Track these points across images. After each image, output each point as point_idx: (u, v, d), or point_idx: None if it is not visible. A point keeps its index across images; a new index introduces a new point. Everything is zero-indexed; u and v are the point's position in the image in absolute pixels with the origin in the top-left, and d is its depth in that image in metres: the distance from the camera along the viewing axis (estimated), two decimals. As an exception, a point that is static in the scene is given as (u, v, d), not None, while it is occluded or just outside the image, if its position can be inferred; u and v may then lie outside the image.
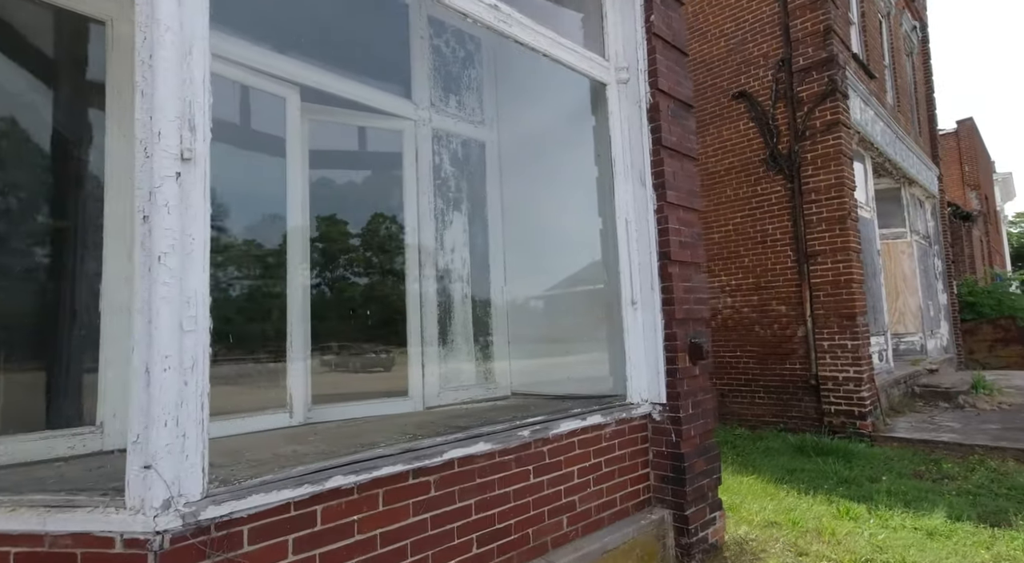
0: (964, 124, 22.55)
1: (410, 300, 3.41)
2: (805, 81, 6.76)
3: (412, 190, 3.48)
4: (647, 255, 3.22)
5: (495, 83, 4.12)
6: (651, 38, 3.29)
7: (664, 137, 3.25)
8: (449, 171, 3.77)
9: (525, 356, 3.98)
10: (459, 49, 3.93)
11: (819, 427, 6.56)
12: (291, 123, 2.93)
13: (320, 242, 3.27)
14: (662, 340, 3.17)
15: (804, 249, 6.75)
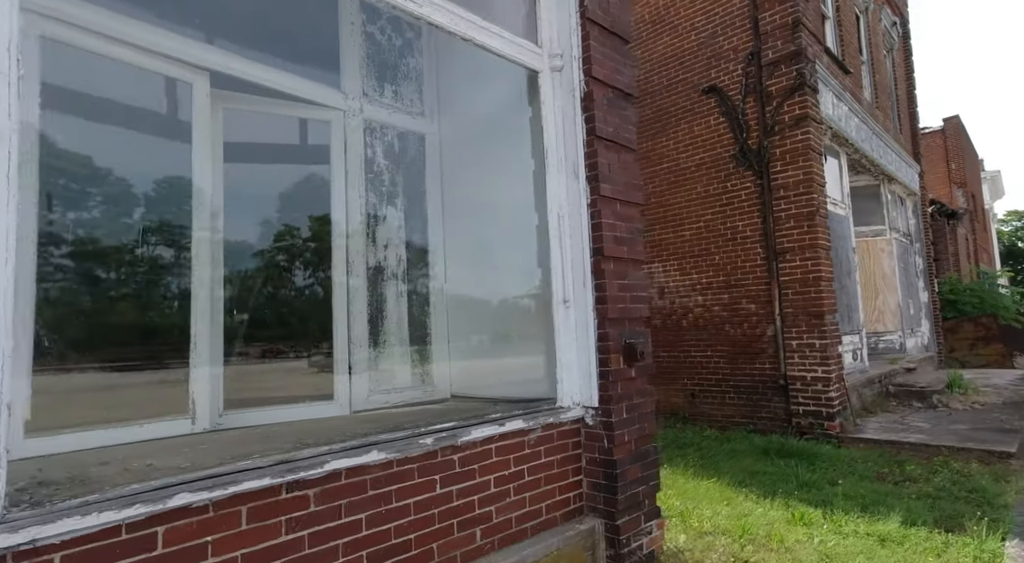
0: (950, 122, 22.53)
1: (337, 299, 3.24)
2: (774, 75, 6.63)
3: (340, 184, 3.32)
4: (580, 251, 3.08)
5: (436, 73, 3.96)
6: (585, 23, 3.13)
7: (598, 127, 3.09)
8: (383, 164, 3.61)
9: (467, 357, 3.83)
10: (396, 37, 3.77)
11: (787, 428, 6.44)
12: (199, 110, 2.75)
13: (239, 237, 3.10)
14: (594, 341, 3.02)
15: (773, 246, 6.63)
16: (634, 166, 3.32)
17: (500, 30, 2.90)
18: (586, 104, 3.12)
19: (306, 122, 3.31)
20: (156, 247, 2.68)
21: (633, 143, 3.33)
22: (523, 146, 3.36)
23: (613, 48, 3.28)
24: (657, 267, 7.84)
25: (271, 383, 3.23)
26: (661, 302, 7.79)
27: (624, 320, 3.10)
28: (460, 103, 3.88)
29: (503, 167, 3.63)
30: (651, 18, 7.95)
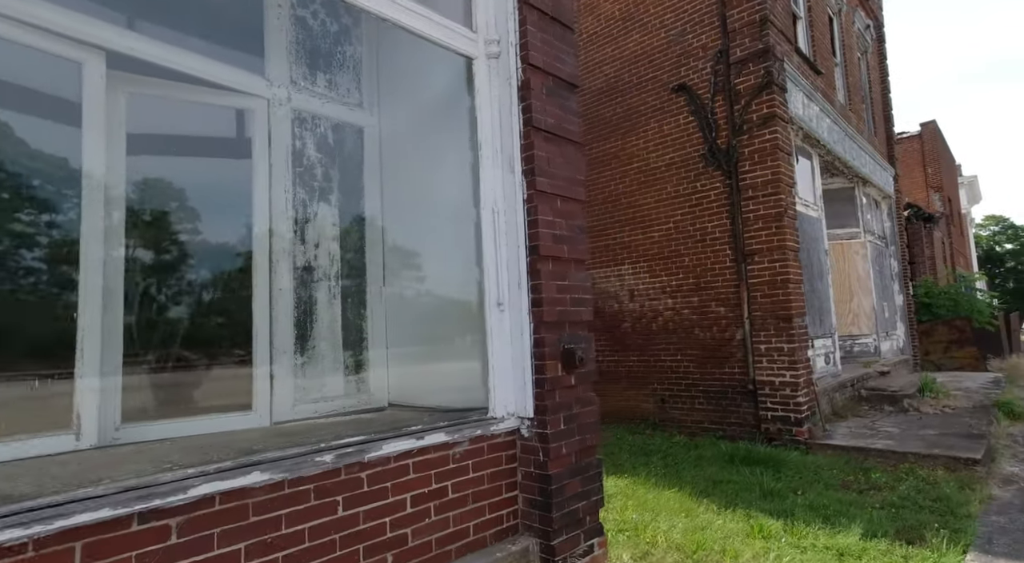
0: (927, 127, 22.77)
1: (257, 302, 3.00)
2: (742, 73, 6.50)
3: (263, 178, 3.08)
4: (515, 250, 2.87)
5: (376, 62, 3.74)
6: (523, 7, 2.94)
7: (536, 118, 2.89)
8: (315, 157, 3.38)
9: (408, 362, 3.60)
10: (331, 22, 3.54)
11: (756, 434, 6.29)
12: (90, 93, 2.50)
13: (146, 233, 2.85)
14: (530, 346, 2.81)
15: (742, 248, 6.49)
16: (578, 160, 3.13)
17: (427, 11, 2.69)
18: (523, 93, 2.92)
19: (226, 111, 3.07)
20: (43, 244, 2.43)
21: (576, 136, 3.14)
22: (464, 139, 3.15)
23: (555, 35, 3.09)
24: (627, 269, 7.68)
25: (185, 392, 2.98)
26: (631, 305, 7.62)
27: (563, 324, 2.90)
28: (402, 94, 3.66)
29: (445, 161, 3.42)
30: (621, 15, 7.81)
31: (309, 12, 3.40)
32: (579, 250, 3.05)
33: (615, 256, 7.83)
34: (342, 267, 3.47)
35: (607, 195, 7.95)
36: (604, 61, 8.02)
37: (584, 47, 8.29)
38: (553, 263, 2.90)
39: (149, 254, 2.87)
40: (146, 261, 2.85)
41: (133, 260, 2.74)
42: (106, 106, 2.56)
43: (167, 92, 2.88)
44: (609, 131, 7.94)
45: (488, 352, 2.84)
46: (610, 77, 7.94)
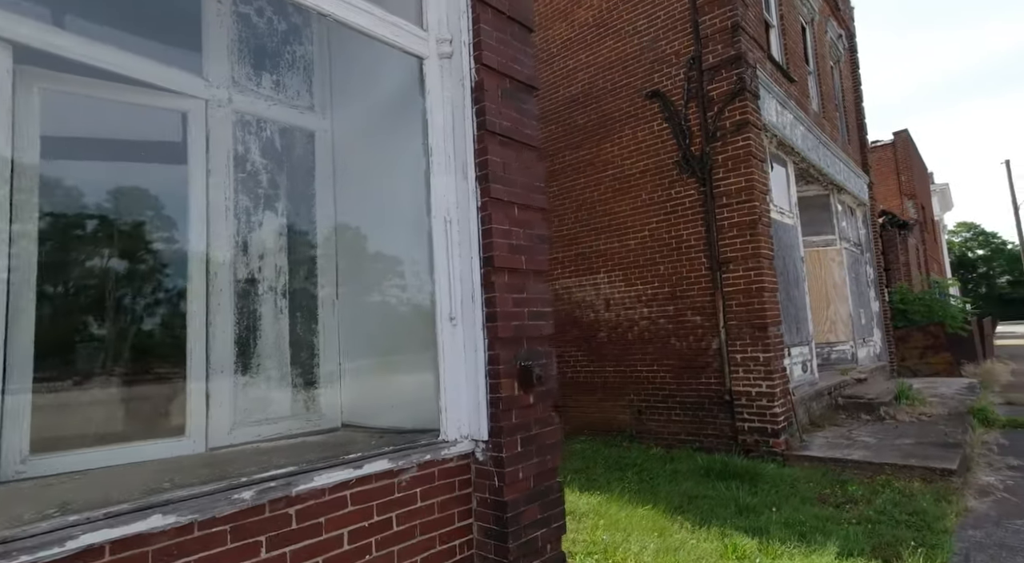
0: (899, 136, 23.19)
1: (192, 317, 2.78)
2: (715, 79, 6.45)
3: (200, 184, 2.87)
4: (468, 261, 2.70)
5: (329, 63, 3.56)
6: (476, 5, 2.78)
7: (490, 121, 2.74)
8: (260, 163, 3.18)
9: (364, 379, 3.40)
10: (279, 21, 3.36)
11: (733, 446, 6.17)
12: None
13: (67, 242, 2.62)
14: (484, 363, 2.64)
15: (717, 256, 6.40)
16: (536, 166, 2.97)
17: (370, 6, 2.52)
18: (477, 95, 2.76)
19: (160, 112, 2.85)
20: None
21: (535, 140, 2.99)
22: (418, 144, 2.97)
23: (512, 35, 2.94)
24: (603, 278, 7.55)
25: (109, 417, 2.73)
26: (607, 314, 7.49)
27: (520, 339, 2.73)
28: (356, 97, 3.48)
29: (401, 167, 3.24)
30: (595, 21, 7.73)
31: (253, 9, 3.21)
32: (538, 261, 2.89)
33: (591, 265, 7.70)
34: (291, 279, 3.26)
35: (582, 202, 7.83)
36: (578, 68, 7.93)
37: (559, 54, 8.20)
38: (509, 275, 2.73)
39: (68, 263, 2.64)
40: (65, 271, 2.61)
41: (47, 268, 2.50)
42: (13, 104, 2.34)
43: (91, 91, 2.67)
44: (583, 138, 7.83)
45: (440, 370, 2.65)
46: (584, 84, 7.85)
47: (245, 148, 3.09)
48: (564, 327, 7.98)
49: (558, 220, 8.13)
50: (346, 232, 3.49)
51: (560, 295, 8.05)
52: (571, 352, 7.88)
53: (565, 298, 7.98)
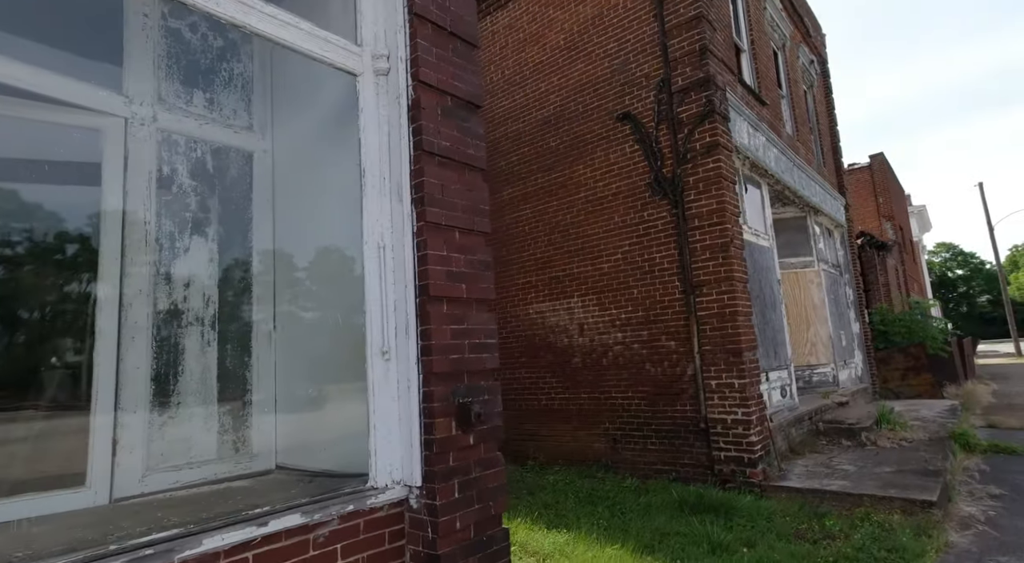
0: (876, 158, 23.61)
1: (100, 353, 2.55)
2: (684, 102, 6.40)
3: (114, 207, 2.66)
4: (403, 290, 2.50)
5: (270, 81, 3.40)
6: (413, 20, 2.65)
7: (427, 140, 2.57)
8: (188, 185, 2.98)
9: (301, 416, 3.15)
10: (215, 37, 3.20)
11: (709, 476, 5.94)
12: None
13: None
14: (418, 401, 2.42)
15: (690, 279, 6.26)
16: (480, 188, 2.81)
17: (295, 19, 2.37)
18: (414, 113, 2.61)
19: (70, 130, 2.66)
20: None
21: (480, 161, 2.83)
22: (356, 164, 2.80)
23: (454, 51, 2.80)
24: (576, 301, 7.38)
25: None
26: (581, 339, 7.30)
27: (460, 374, 2.52)
28: (297, 116, 3.32)
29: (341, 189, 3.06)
30: (566, 44, 7.72)
31: (186, 24, 3.05)
32: (482, 289, 2.70)
33: (564, 289, 7.53)
34: (221, 309, 3.04)
35: (555, 225, 7.70)
36: (551, 90, 7.89)
37: (531, 77, 8.17)
38: (448, 304, 2.54)
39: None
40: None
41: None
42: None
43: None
44: (556, 160, 7.75)
45: (370, 409, 2.43)
46: (557, 106, 7.80)
47: (171, 169, 2.90)
48: (538, 352, 7.77)
49: (532, 243, 7.98)
50: (286, 258, 3.28)
51: (534, 320, 7.86)
52: (545, 379, 7.65)
53: (539, 323, 7.79)
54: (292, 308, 3.24)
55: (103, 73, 2.71)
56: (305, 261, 3.27)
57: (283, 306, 3.24)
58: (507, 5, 8.52)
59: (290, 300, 3.25)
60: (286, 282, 3.26)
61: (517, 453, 7.80)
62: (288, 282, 3.26)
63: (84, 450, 2.47)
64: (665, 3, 6.63)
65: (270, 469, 3.05)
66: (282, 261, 3.29)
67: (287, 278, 3.26)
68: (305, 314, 3.24)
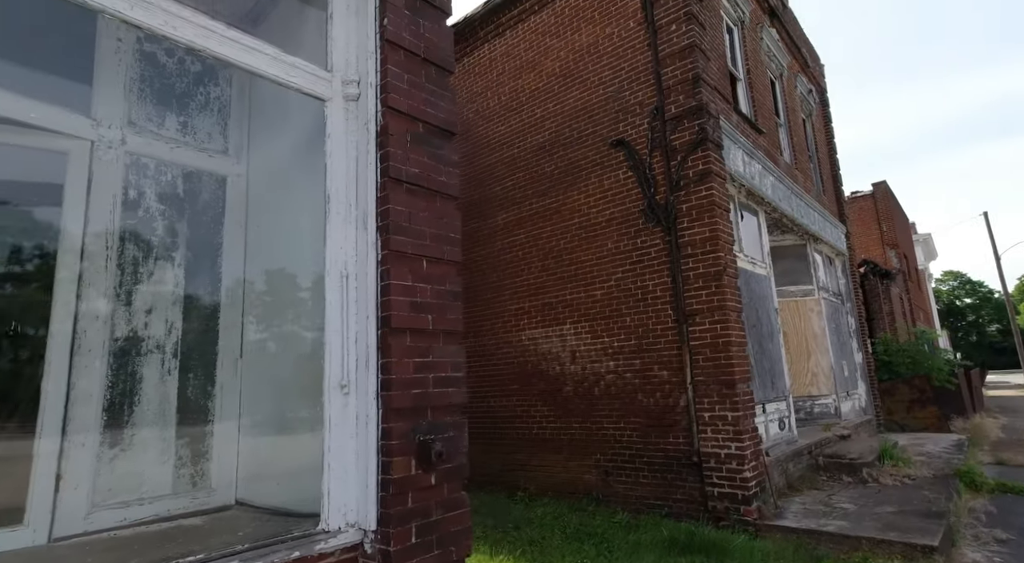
0: (879, 186, 23.58)
1: (50, 381, 2.45)
2: (677, 129, 6.38)
3: (75, 229, 2.60)
4: (365, 321, 2.41)
5: (248, 106, 3.38)
6: (385, 46, 2.61)
7: (395, 167, 2.51)
8: (156, 209, 2.93)
9: (266, 449, 3.03)
10: (192, 61, 3.19)
11: (702, 513, 5.72)
12: None
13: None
14: (376, 438, 2.31)
15: (683, 308, 6.14)
16: (451, 216, 2.73)
17: (260, 44, 2.33)
18: (382, 139, 2.55)
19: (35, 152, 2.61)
20: None
21: (452, 188, 2.76)
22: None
23: (427, 78, 2.76)
24: (568, 329, 7.26)
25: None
26: (573, 367, 7.15)
27: (423, 410, 2.41)
28: (272, 140, 3.28)
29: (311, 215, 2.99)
30: (561, 72, 7.77)
31: (162, 48, 3.04)
32: (449, 320, 2.60)
33: (557, 315, 7.42)
34: (184, 336, 2.95)
35: (548, 251, 7.63)
36: (546, 116, 7.91)
37: (527, 103, 8.20)
38: (412, 336, 2.44)
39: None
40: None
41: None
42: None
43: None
44: (550, 185, 7.72)
45: (325, 446, 2.31)
46: (552, 132, 7.80)
47: (139, 193, 2.85)
48: (530, 380, 7.62)
49: (525, 269, 7.91)
50: (257, 284, 3.21)
51: (526, 346, 7.73)
52: (537, 407, 7.48)
53: (531, 350, 7.66)
54: (261, 335, 3.15)
55: (72, 95, 2.69)
56: (277, 288, 3.19)
57: (251, 333, 3.15)
58: (504, 33, 8.62)
59: (259, 327, 3.16)
60: (256, 309, 3.18)
61: (507, 483, 7.58)
62: (258, 309, 3.18)
63: (25, 484, 2.35)
64: (659, 32, 6.67)
65: (229, 505, 2.92)
66: (252, 287, 3.21)
67: (257, 305, 3.18)
68: (274, 342, 3.14)
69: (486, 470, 7.89)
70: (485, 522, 6.03)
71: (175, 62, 3.12)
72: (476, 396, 8.28)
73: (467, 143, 9.02)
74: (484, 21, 8.83)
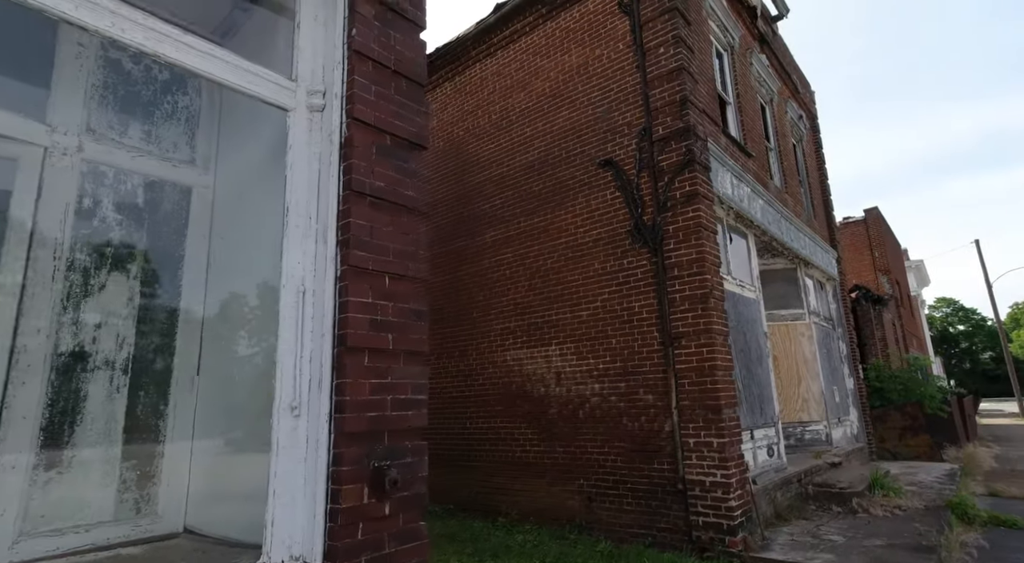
0: (871, 212, 23.74)
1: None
2: (665, 150, 6.36)
3: (20, 238, 2.49)
4: (320, 339, 2.29)
5: (218, 117, 3.30)
6: (352, 56, 2.55)
7: (358, 180, 2.42)
8: (113, 219, 2.82)
9: (220, 471, 2.88)
10: (160, 69, 3.12)
11: (687, 543, 5.53)
12: None
13: None
14: (326, 464, 2.17)
15: (669, 330, 6.04)
16: (415, 231, 2.64)
17: (222, 52, 2.26)
18: (346, 151, 2.47)
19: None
20: None
21: (418, 203, 2.67)
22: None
23: (397, 90, 2.69)
24: (554, 350, 7.13)
25: None
26: (558, 389, 7.00)
27: (379, 434, 2.28)
28: (241, 151, 3.20)
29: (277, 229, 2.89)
30: (551, 92, 7.78)
31: (128, 56, 2.97)
32: (412, 340, 2.49)
33: (543, 335, 7.29)
34: (138, 352, 2.82)
35: (535, 270, 7.54)
36: (535, 136, 7.90)
37: (517, 122, 8.20)
38: (371, 356, 2.32)
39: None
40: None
41: None
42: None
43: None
44: (538, 204, 7.67)
45: (271, 471, 2.17)
46: (541, 151, 7.78)
47: (95, 201, 2.75)
48: (514, 401, 7.46)
49: (512, 288, 7.81)
50: (218, 298, 3.09)
51: (511, 367, 7.58)
52: (521, 429, 7.31)
53: (516, 370, 7.51)
54: (221, 353, 3.02)
55: (27, 100, 2.60)
56: (240, 303, 3.08)
57: (211, 349, 3.02)
58: (496, 53, 8.66)
59: (220, 344, 3.03)
60: (217, 325, 3.05)
61: (488, 508, 7.37)
62: (219, 325, 3.06)
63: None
64: (647, 55, 6.70)
65: (176, 532, 2.76)
66: (214, 301, 3.09)
67: (218, 320, 3.06)
68: (234, 360, 3.01)
69: (467, 494, 7.67)
70: (463, 549, 5.82)
71: (141, 70, 3.05)
72: (459, 417, 8.10)
73: (457, 161, 9.00)
74: (476, 41, 8.88)
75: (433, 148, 9.44)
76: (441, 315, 8.62)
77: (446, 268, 8.77)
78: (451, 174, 9.07)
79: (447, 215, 8.97)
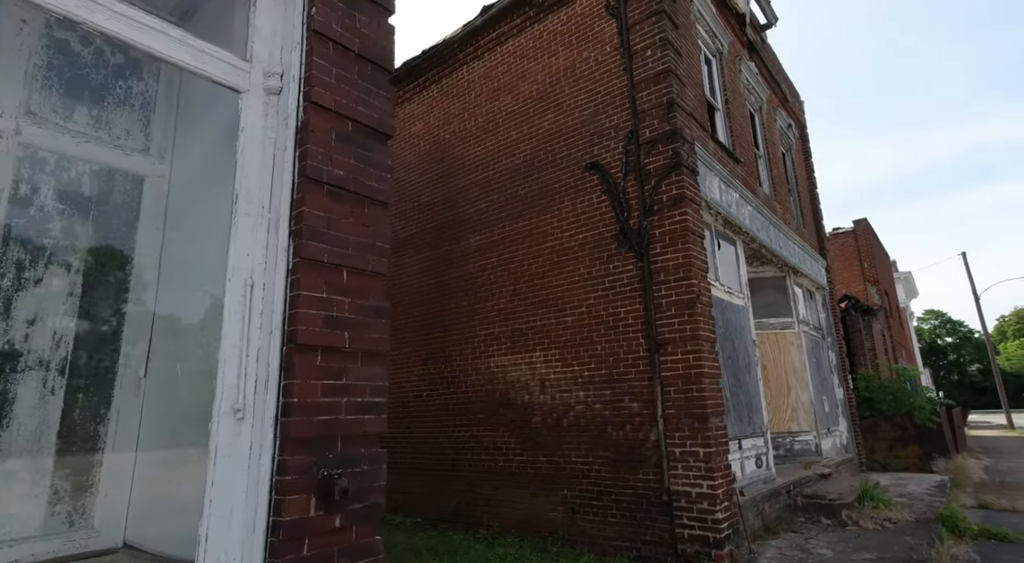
0: (860, 223, 23.86)
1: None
2: (651, 153, 6.25)
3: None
4: (268, 336, 2.11)
5: (176, 104, 3.13)
6: (312, 37, 2.39)
7: (313, 167, 2.26)
8: (53, 208, 2.64)
9: (164, 483, 2.67)
10: (113, 52, 2.95)
11: (673, 556, 5.34)
12: None
13: None
14: (270, 472, 1.98)
15: (655, 337, 5.89)
16: (379, 224, 2.47)
17: (163, 24, 2.09)
18: (301, 136, 2.30)
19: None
20: None
21: (382, 195, 2.51)
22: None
23: (360, 75, 2.54)
24: (538, 356, 6.95)
25: None
26: (542, 397, 6.82)
27: (331, 439, 2.09)
28: (197, 139, 3.02)
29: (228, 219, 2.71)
30: (537, 95, 7.67)
31: (76, 36, 2.80)
32: (371, 339, 2.31)
33: (527, 342, 7.12)
34: (77, 352, 2.62)
35: (520, 275, 7.38)
36: (521, 139, 7.78)
37: (503, 124, 8.08)
38: (324, 355, 2.14)
39: None
40: None
41: None
42: None
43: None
44: (524, 208, 7.53)
45: (208, 480, 1.98)
46: (527, 154, 7.66)
47: (32, 188, 2.56)
48: (498, 409, 7.26)
49: (497, 293, 7.64)
50: (171, 294, 2.90)
51: (495, 374, 7.39)
52: (504, 438, 7.10)
53: (500, 377, 7.32)
54: (171, 353, 2.82)
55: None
56: (194, 299, 2.88)
57: (159, 349, 2.82)
58: (483, 56, 8.56)
59: (170, 343, 2.83)
60: (167, 321, 2.86)
61: (471, 519, 7.13)
62: (171, 322, 2.86)
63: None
64: (634, 57, 6.61)
65: (114, 547, 2.54)
66: (167, 298, 2.90)
67: (169, 317, 2.86)
68: (185, 361, 2.82)
69: (449, 505, 7.44)
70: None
71: (91, 51, 2.87)
72: (443, 425, 7.89)
73: (443, 164, 8.85)
74: (463, 43, 8.78)
75: (419, 151, 9.30)
76: (426, 320, 8.43)
77: (432, 272, 8.59)
78: (437, 177, 8.92)
79: (433, 219, 8.81)
